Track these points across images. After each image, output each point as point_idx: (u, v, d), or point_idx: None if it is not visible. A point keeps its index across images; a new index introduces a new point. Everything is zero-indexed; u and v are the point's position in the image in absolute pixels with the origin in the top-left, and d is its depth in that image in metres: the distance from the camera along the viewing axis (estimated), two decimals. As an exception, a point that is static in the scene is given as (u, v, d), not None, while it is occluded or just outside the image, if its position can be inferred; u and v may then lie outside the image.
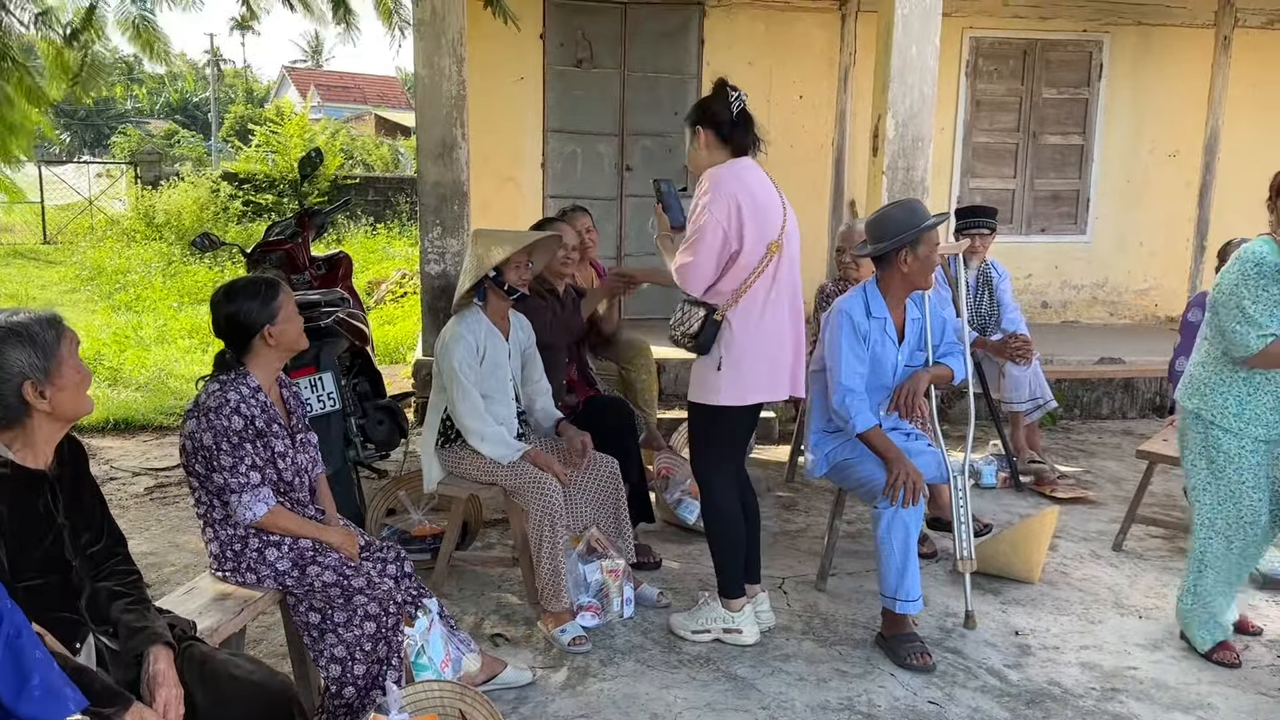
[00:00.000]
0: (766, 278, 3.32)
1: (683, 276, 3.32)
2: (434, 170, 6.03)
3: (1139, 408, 7.20)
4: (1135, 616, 3.94)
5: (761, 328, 3.35)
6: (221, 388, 2.81)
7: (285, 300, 2.91)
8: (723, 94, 3.34)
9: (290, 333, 2.91)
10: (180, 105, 49.18)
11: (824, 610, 3.92)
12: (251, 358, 2.89)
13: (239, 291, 2.88)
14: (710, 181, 3.29)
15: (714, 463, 3.53)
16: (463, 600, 3.93)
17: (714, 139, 3.36)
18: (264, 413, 2.85)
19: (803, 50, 8.27)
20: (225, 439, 2.75)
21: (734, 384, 3.36)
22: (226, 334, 2.89)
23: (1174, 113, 8.68)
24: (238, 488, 2.77)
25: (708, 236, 3.25)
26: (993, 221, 5.47)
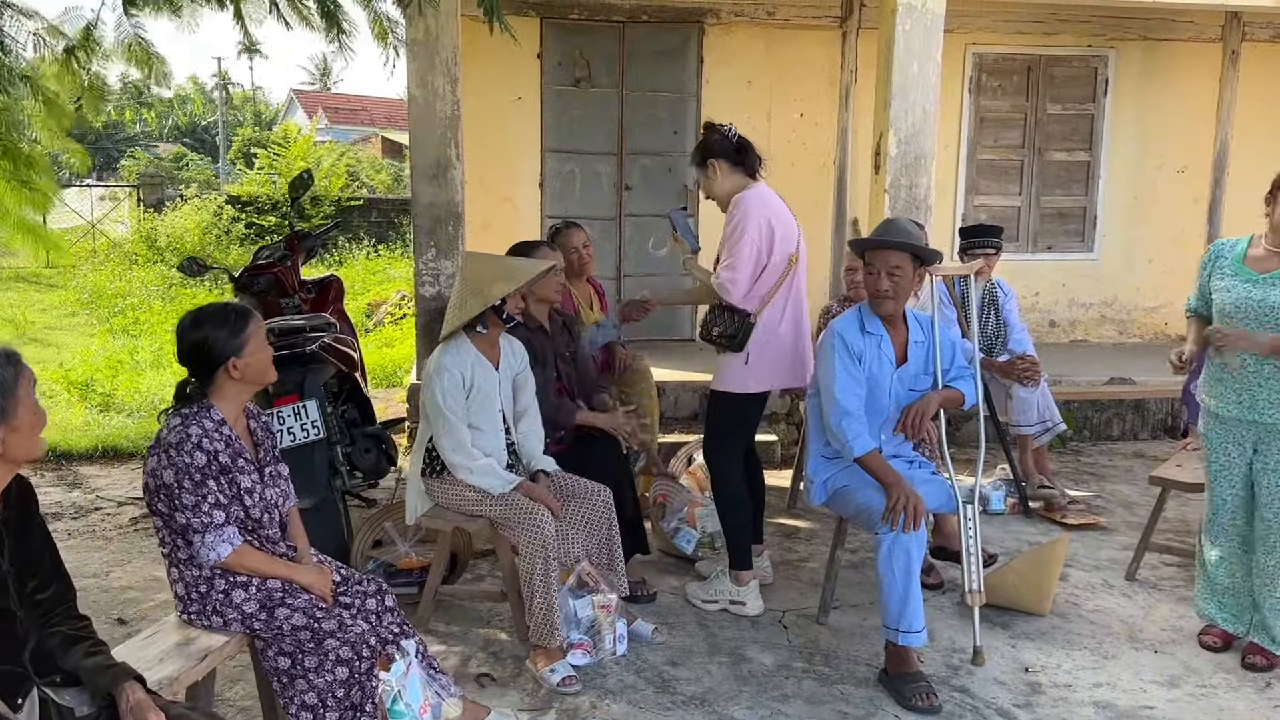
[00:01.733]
0: (786, 285, 3.87)
1: (725, 289, 3.80)
2: (428, 191, 5.93)
3: (1150, 429, 7.04)
4: (1150, 650, 3.77)
5: (781, 326, 3.89)
6: (183, 422, 2.68)
7: (255, 331, 2.79)
8: (715, 130, 3.90)
9: (257, 366, 2.78)
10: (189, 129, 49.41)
11: (825, 646, 3.77)
12: (216, 390, 2.76)
13: (207, 319, 2.75)
14: (742, 206, 3.80)
15: (727, 448, 4.02)
16: (449, 637, 3.79)
17: (727, 166, 3.88)
18: (228, 447, 2.71)
19: (803, 68, 8.16)
20: (187, 476, 2.62)
21: (759, 374, 3.89)
22: (191, 363, 2.75)
23: (1181, 128, 8.54)
24: (201, 528, 2.63)
25: (746, 253, 3.77)
26: (998, 240, 5.33)
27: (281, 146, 17.79)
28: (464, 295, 3.61)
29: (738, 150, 3.87)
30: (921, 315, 3.70)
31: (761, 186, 3.89)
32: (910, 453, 3.81)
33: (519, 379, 3.84)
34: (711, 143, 3.90)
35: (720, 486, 4.08)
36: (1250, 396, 3.54)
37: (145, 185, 19.06)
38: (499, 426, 3.74)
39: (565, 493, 3.82)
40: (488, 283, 3.59)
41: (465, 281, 3.62)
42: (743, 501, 4.04)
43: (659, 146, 8.15)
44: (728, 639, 3.81)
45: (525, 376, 3.86)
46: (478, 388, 3.64)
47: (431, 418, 3.62)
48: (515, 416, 3.83)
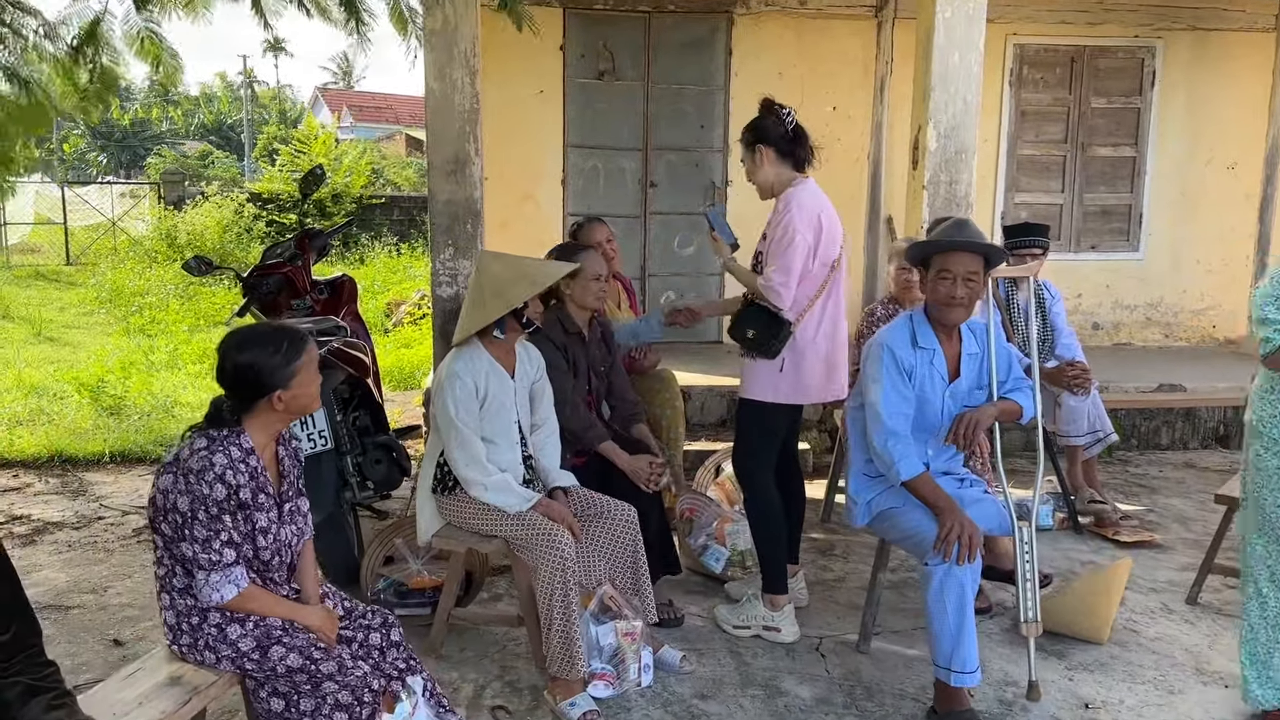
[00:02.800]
0: (829, 292, 3.62)
1: (777, 294, 3.51)
2: (446, 188, 5.70)
3: (1201, 437, 6.70)
4: (1220, 685, 3.47)
5: (817, 337, 3.63)
6: (209, 447, 2.43)
7: (308, 361, 2.55)
8: (773, 112, 3.59)
9: (304, 399, 2.55)
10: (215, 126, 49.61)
11: (867, 678, 3.49)
12: (253, 416, 2.52)
13: (256, 342, 2.50)
14: (792, 203, 3.53)
15: (759, 458, 3.75)
16: (462, 664, 3.53)
17: (774, 155, 3.61)
18: (252, 479, 2.47)
19: (836, 59, 7.87)
20: (203, 508, 2.38)
21: (794, 384, 3.62)
22: (230, 386, 2.51)
23: (1232, 122, 8.18)
24: (208, 565, 2.40)
25: (800, 253, 3.50)
26: (1045, 240, 5.03)
27: (303, 144, 17.64)
28: (481, 297, 3.35)
29: (791, 139, 3.60)
30: (975, 324, 3.41)
31: (810, 183, 3.63)
32: (960, 469, 3.52)
33: (535, 388, 3.59)
34: (765, 125, 3.62)
35: (752, 502, 3.81)
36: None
37: (166, 183, 18.96)
38: (514, 439, 3.48)
39: (587, 511, 3.57)
40: (509, 284, 3.33)
41: (483, 282, 3.36)
42: (777, 518, 3.76)
43: (685, 141, 7.88)
44: (761, 669, 3.54)
45: (543, 385, 3.60)
46: (492, 397, 3.39)
47: (442, 429, 3.37)
48: (531, 428, 3.58)
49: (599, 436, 3.83)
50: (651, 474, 3.79)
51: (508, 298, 3.32)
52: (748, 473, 3.80)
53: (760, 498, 3.77)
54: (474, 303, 3.37)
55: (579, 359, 3.90)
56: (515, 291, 3.33)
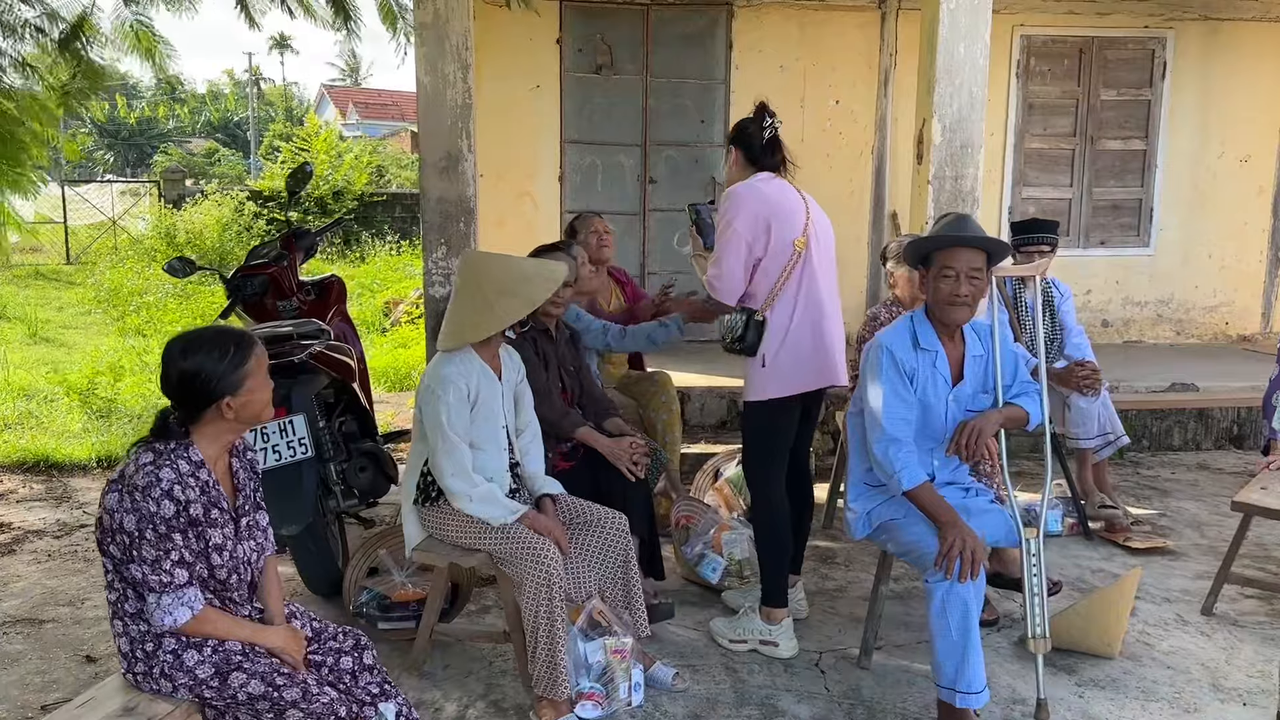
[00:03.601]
0: (796, 275, 3.46)
1: (714, 288, 3.50)
2: (438, 185, 5.56)
3: (1214, 438, 6.53)
4: (1238, 702, 3.32)
5: (798, 322, 3.48)
6: (155, 461, 2.29)
7: (257, 365, 2.39)
8: (759, 118, 3.55)
9: (255, 405, 2.39)
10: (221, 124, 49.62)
11: (868, 696, 3.34)
12: (201, 426, 2.37)
13: (201, 346, 2.34)
14: (731, 198, 3.48)
15: (765, 464, 3.62)
16: (446, 682, 3.39)
17: (743, 159, 3.59)
18: (204, 494, 2.33)
19: (839, 52, 7.70)
20: (151, 526, 2.24)
21: (778, 377, 3.49)
22: (176, 396, 2.37)
23: (1245, 114, 8.00)
24: (158, 587, 2.25)
25: (732, 248, 3.43)
26: (1054, 236, 4.87)
27: (305, 141, 17.53)
28: (486, 299, 3.16)
29: (763, 147, 3.54)
30: (979, 324, 3.25)
31: (760, 176, 3.52)
32: (966, 478, 3.37)
33: (519, 390, 3.45)
34: (744, 128, 3.58)
35: (758, 511, 3.66)
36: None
37: (166, 180, 18.85)
38: (502, 445, 3.34)
39: (575, 520, 3.42)
40: (522, 283, 3.20)
41: (482, 283, 3.19)
42: (784, 530, 3.61)
43: (685, 137, 7.73)
44: (758, 686, 3.40)
45: (524, 387, 3.47)
46: (483, 402, 3.25)
47: (430, 437, 3.21)
48: (515, 432, 3.44)
49: (575, 422, 3.72)
50: (633, 456, 3.68)
51: (529, 297, 3.19)
52: (756, 480, 3.65)
53: (768, 507, 3.62)
54: (477, 306, 3.18)
55: (549, 354, 3.78)
56: (531, 289, 3.20)
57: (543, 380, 3.66)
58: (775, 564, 3.61)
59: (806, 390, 3.54)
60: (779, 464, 3.64)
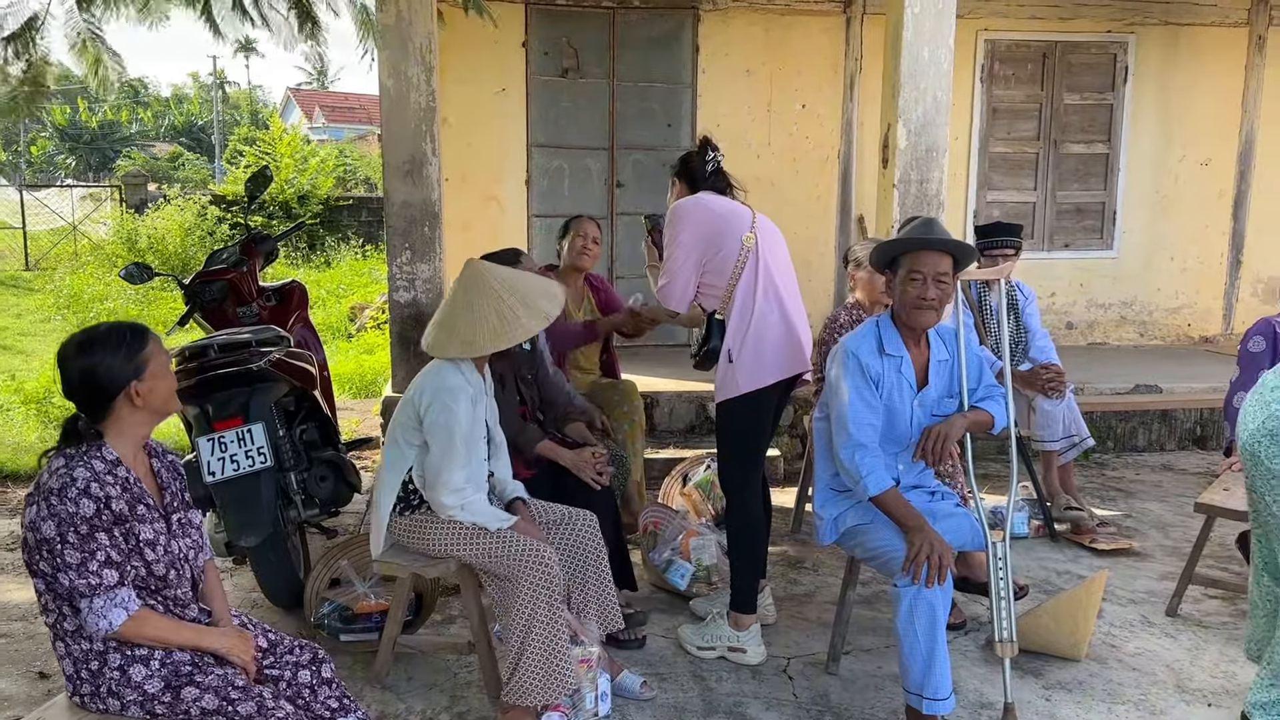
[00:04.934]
0: (750, 269, 3.48)
1: (663, 296, 3.57)
2: (402, 189, 5.53)
3: (1178, 439, 6.59)
4: (1203, 704, 3.33)
5: (759, 315, 3.48)
6: (67, 464, 2.23)
7: (155, 351, 2.34)
8: (703, 151, 3.64)
9: (160, 392, 2.34)
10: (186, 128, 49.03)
11: (836, 702, 3.32)
12: (111, 423, 2.31)
13: (96, 342, 2.30)
14: (676, 212, 3.57)
15: (743, 466, 3.61)
16: (409, 694, 3.34)
17: (686, 190, 3.66)
18: (125, 491, 2.27)
19: (805, 56, 7.71)
20: (71, 529, 2.17)
21: (745, 370, 3.47)
22: (81, 395, 2.31)
23: (1205, 118, 8.09)
24: (88, 590, 2.18)
25: (678, 257, 3.51)
26: (1018, 240, 4.90)
27: (268, 145, 17.34)
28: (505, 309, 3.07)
29: (705, 178, 3.62)
30: (944, 328, 3.25)
31: (701, 193, 3.60)
32: (932, 482, 3.36)
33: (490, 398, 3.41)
34: (691, 160, 3.67)
35: (734, 516, 3.62)
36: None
37: (128, 185, 18.58)
38: (483, 454, 3.28)
39: (545, 521, 3.38)
40: (536, 297, 3.16)
41: (501, 294, 3.09)
42: (758, 537, 3.61)
43: (652, 140, 7.71)
44: (726, 694, 3.37)
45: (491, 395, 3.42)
46: (478, 411, 3.20)
47: (435, 448, 3.09)
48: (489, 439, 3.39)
49: (534, 439, 3.69)
50: (596, 465, 3.65)
51: (544, 311, 3.16)
52: (734, 483, 3.63)
53: (744, 512, 3.59)
54: (501, 315, 3.08)
55: (504, 372, 3.72)
56: (548, 305, 3.18)
57: (500, 400, 3.59)
58: (747, 570, 3.58)
59: (778, 379, 3.52)
60: (757, 466, 3.63)
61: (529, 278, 3.32)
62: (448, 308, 3.19)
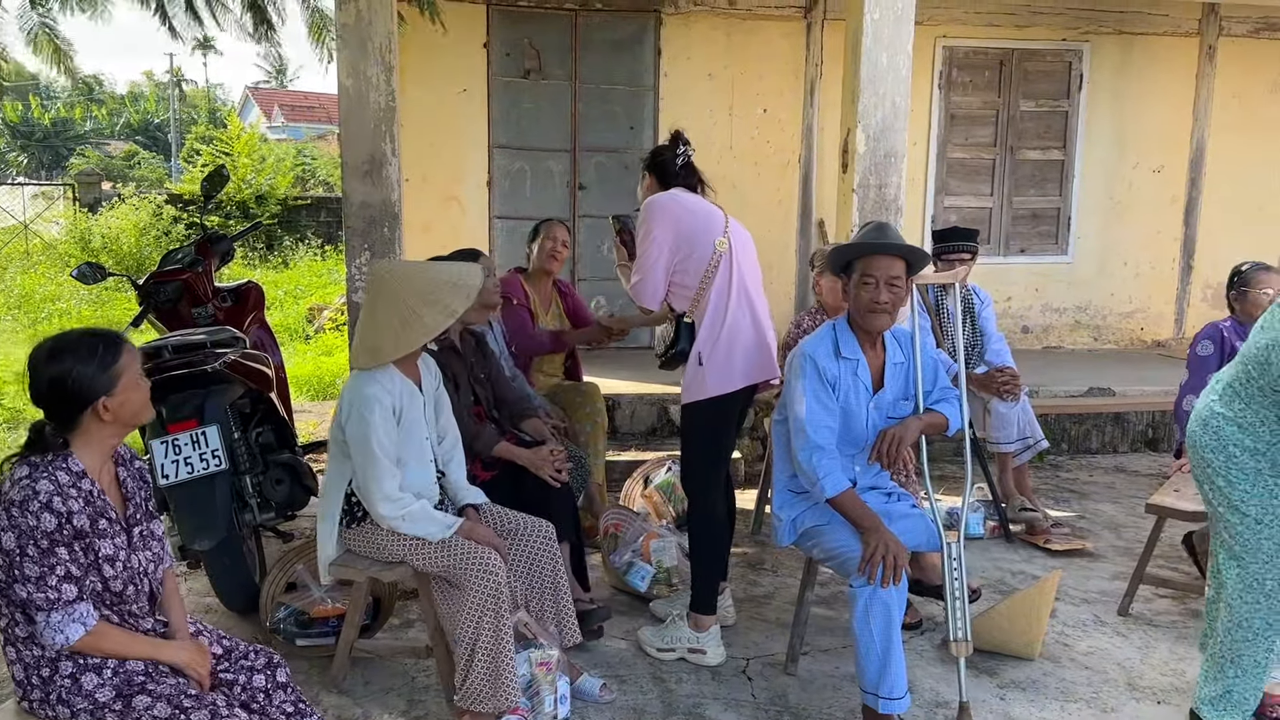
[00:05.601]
0: (723, 272, 3.49)
1: (636, 293, 3.57)
2: (360, 189, 5.45)
3: (1130, 441, 6.71)
4: (1153, 701, 3.39)
5: (732, 319, 3.49)
6: (31, 474, 2.18)
7: (129, 363, 2.29)
8: (673, 146, 3.63)
9: (132, 404, 2.29)
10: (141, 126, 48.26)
11: (794, 702, 3.34)
12: (79, 434, 2.27)
13: (68, 349, 2.24)
14: (650, 208, 3.54)
15: (708, 468, 3.61)
16: (366, 698, 3.31)
17: (657, 185, 3.65)
18: (88, 505, 2.23)
19: (766, 61, 7.75)
20: (31, 542, 2.13)
21: (716, 374, 3.47)
22: (48, 404, 2.26)
23: (1158, 125, 8.24)
24: (45, 604, 2.15)
25: (652, 253, 3.50)
26: (975, 244, 4.97)
27: (225, 144, 17.13)
28: (410, 311, 3.03)
29: (676, 174, 3.62)
30: (900, 331, 3.29)
31: (672, 190, 3.60)
32: (888, 484, 3.40)
33: (437, 397, 3.37)
34: (662, 154, 3.67)
35: (697, 518, 3.63)
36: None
37: (81, 184, 18.27)
38: (428, 457, 3.25)
39: (502, 529, 3.36)
40: (439, 292, 3.07)
41: (403, 295, 3.05)
42: (720, 538, 3.64)
43: (615, 143, 7.71)
44: (685, 695, 3.38)
45: (442, 393, 3.39)
46: (407, 417, 3.15)
47: (357, 461, 3.07)
48: (437, 440, 3.36)
49: (490, 441, 3.66)
50: (554, 462, 3.64)
51: (447, 306, 3.06)
52: (697, 486, 3.63)
53: (708, 514, 3.60)
54: (403, 318, 3.03)
55: (458, 372, 3.70)
56: (452, 299, 3.08)
57: (453, 402, 3.55)
58: (708, 571, 3.59)
59: (748, 384, 3.54)
60: (721, 468, 3.63)
61: (441, 270, 3.22)
62: (360, 316, 3.17)
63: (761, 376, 3.58)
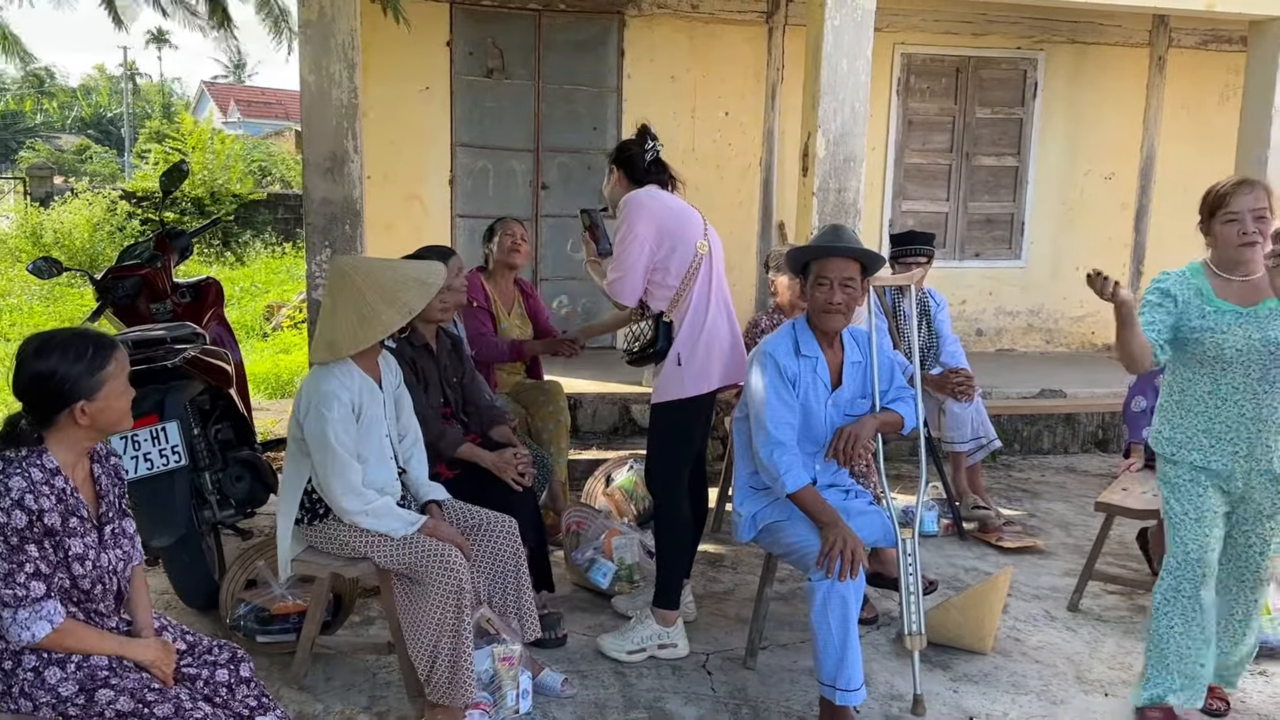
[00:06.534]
0: (704, 275, 3.53)
1: (615, 290, 3.56)
2: (322, 186, 5.43)
3: (1080, 442, 6.85)
4: (1100, 693, 3.49)
5: (711, 321, 3.54)
6: (5, 470, 2.17)
7: (117, 370, 2.29)
8: (642, 141, 3.63)
9: (111, 414, 2.29)
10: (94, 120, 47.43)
11: (753, 694, 3.39)
12: (55, 431, 2.26)
13: (57, 348, 2.23)
14: (630, 204, 3.53)
15: (673, 466, 3.64)
16: (328, 694, 3.32)
17: (624, 179, 3.65)
18: (60, 503, 2.22)
19: (728, 64, 7.82)
20: (1, 538, 2.13)
21: (694, 374, 3.51)
22: (28, 399, 2.25)
23: (1110, 133, 8.42)
24: (13, 601, 2.14)
25: (634, 251, 3.48)
26: (930, 248, 5.07)
27: (177, 140, 16.89)
28: (368, 307, 3.05)
29: (645, 170, 3.62)
30: (858, 331, 3.36)
31: (652, 188, 3.61)
32: (846, 481, 3.47)
33: (398, 395, 3.38)
34: (630, 148, 3.66)
35: (664, 515, 3.67)
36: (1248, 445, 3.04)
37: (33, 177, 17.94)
38: (387, 454, 3.26)
39: (464, 525, 3.38)
40: (400, 288, 3.08)
41: (362, 290, 3.07)
42: (685, 535, 3.69)
43: (578, 143, 7.74)
44: (646, 689, 3.42)
45: (403, 391, 3.40)
46: (367, 414, 3.16)
47: (316, 457, 3.08)
48: (398, 438, 3.37)
49: (454, 442, 3.67)
50: (517, 465, 3.66)
51: (406, 303, 3.08)
52: (663, 484, 3.66)
53: (671, 511, 3.65)
54: (361, 314, 3.05)
55: (429, 372, 3.72)
56: (411, 297, 3.09)
57: (421, 403, 3.56)
58: (673, 567, 3.64)
59: (724, 385, 3.62)
60: (685, 466, 3.68)
61: (401, 267, 3.24)
62: (321, 310, 3.19)
63: (736, 378, 3.64)
